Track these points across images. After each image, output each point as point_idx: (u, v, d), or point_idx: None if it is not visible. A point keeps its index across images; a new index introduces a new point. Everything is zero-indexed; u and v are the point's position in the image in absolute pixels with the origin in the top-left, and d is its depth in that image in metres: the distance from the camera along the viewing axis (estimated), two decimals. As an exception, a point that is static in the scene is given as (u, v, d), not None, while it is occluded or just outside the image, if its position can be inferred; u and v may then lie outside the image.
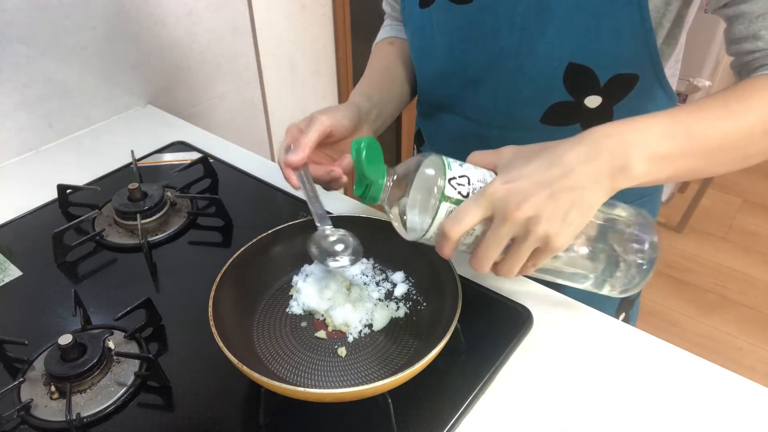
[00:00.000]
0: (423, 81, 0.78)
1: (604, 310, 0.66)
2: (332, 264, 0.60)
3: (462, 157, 0.53)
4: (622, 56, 0.62)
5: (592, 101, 0.65)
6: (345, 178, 0.64)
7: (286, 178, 0.61)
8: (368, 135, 0.68)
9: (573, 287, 0.58)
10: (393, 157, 2.20)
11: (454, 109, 0.74)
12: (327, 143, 0.65)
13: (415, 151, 0.93)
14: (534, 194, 0.46)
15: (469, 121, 0.73)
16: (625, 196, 0.52)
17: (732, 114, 0.51)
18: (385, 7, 0.87)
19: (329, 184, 0.65)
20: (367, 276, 0.67)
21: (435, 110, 0.79)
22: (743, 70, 0.59)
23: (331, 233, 0.61)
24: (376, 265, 0.69)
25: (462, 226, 0.47)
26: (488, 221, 0.48)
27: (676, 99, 0.69)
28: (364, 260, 0.68)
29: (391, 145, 2.16)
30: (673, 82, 0.68)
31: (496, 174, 0.51)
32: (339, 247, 0.61)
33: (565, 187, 0.46)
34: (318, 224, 0.61)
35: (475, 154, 0.54)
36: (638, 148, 0.48)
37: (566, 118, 0.67)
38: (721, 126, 0.51)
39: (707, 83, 2.04)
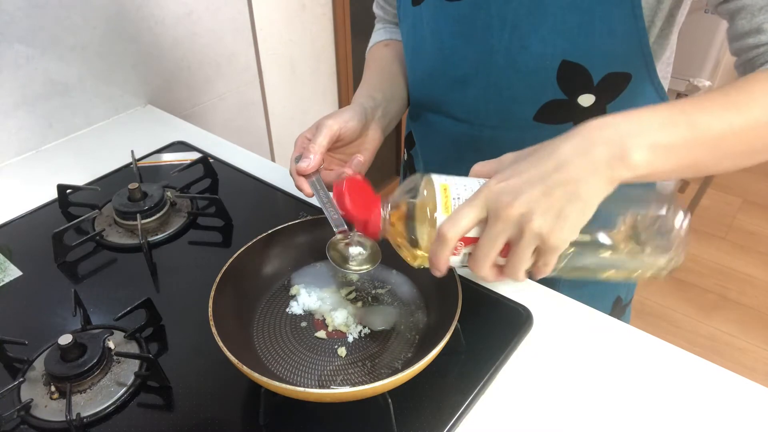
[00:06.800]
0: (413, 80, 0.77)
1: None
2: (354, 268, 0.59)
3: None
4: (615, 54, 0.62)
5: (586, 99, 0.65)
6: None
7: (299, 187, 0.61)
8: (377, 134, 0.68)
9: (570, 282, 0.57)
10: (393, 159, 2.20)
11: (441, 109, 0.74)
12: (336, 147, 0.65)
13: (405, 155, 0.92)
14: (526, 191, 0.44)
15: (459, 122, 0.73)
16: None
17: (735, 105, 0.49)
18: (376, 10, 0.86)
19: None
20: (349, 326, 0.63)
21: (423, 111, 0.78)
22: (747, 67, 0.57)
23: (349, 238, 0.60)
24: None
25: (458, 227, 0.46)
26: (484, 223, 0.46)
27: (668, 101, 0.69)
28: (340, 312, 0.64)
29: (391, 147, 2.16)
30: (665, 84, 0.69)
31: None
32: (356, 251, 0.60)
33: (559, 181, 0.44)
34: (335, 229, 0.60)
35: (477, 166, 0.52)
36: (635, 137, 0.45)
37: (560, 117, 0.67)
38: (724, 116, 0.48)
39: (707, 83, 2.04)
